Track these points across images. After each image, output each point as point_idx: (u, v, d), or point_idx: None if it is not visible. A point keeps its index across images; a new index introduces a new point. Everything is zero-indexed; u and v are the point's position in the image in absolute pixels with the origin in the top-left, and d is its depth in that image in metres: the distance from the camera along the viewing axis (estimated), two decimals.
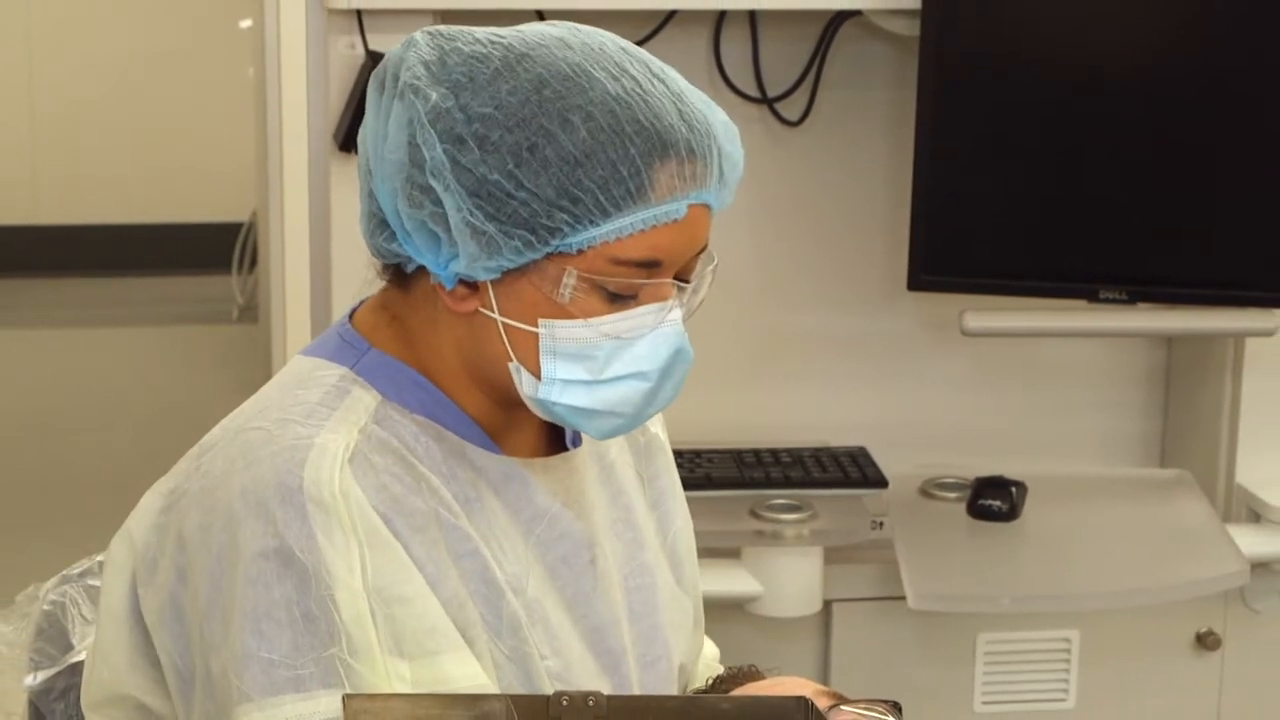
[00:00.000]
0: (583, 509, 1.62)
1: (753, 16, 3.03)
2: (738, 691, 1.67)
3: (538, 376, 1.50)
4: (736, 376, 3.17)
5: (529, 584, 1.56)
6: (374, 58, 2.80)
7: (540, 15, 2.76)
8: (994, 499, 2.99)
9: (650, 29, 2.93)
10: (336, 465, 1.47)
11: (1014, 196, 2.90)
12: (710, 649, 1.85)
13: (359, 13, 2.81)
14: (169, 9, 6.90)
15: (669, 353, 1.50)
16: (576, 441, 1.65)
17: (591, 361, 1.49)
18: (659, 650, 1.68)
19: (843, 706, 1.55)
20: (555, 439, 1.64)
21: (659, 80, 1.49)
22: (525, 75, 1.46)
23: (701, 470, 2.98)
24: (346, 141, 2.83)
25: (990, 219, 2.91)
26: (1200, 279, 2.89)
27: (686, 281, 1.52)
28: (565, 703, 1.34)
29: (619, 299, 1.48)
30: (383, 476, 1.50)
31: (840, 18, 3.02)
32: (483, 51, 1.48)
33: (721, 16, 3.02)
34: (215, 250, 6.61)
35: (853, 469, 3.00)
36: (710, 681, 1.76)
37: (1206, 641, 3.10)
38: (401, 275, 1.56)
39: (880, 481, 2.98)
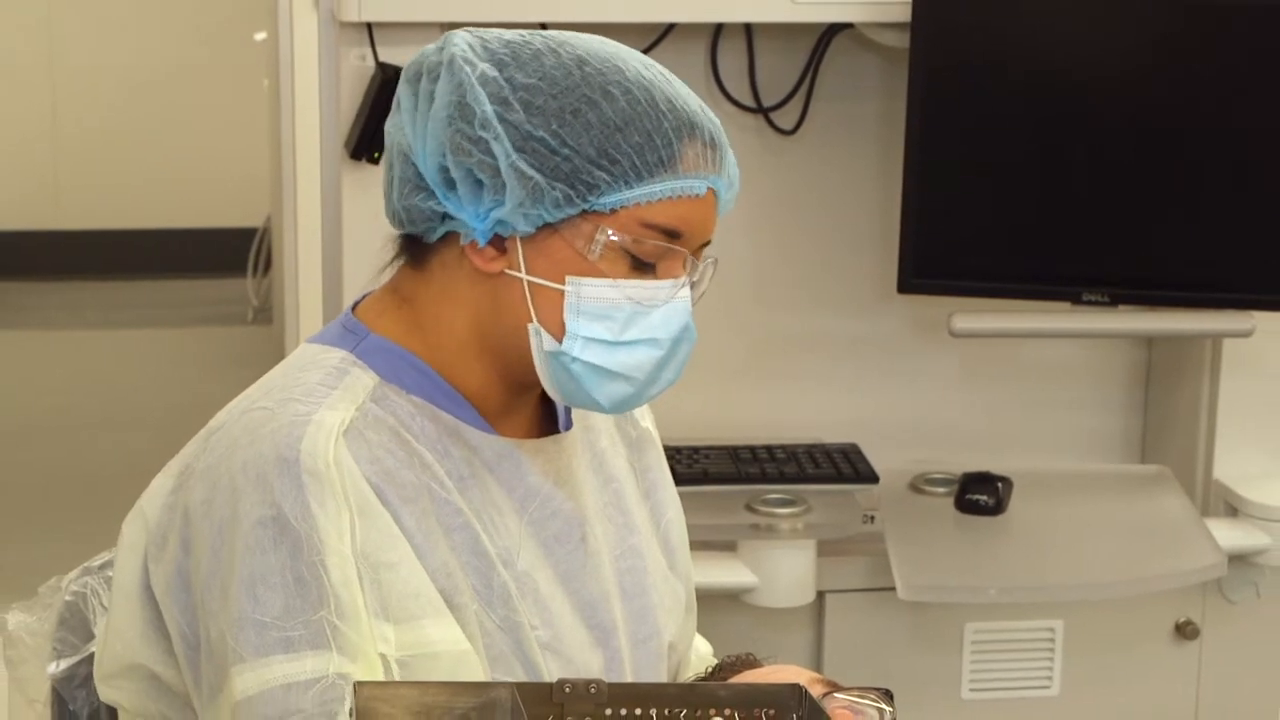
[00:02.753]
0: (573, 489, 1.67)
1: (749, 29, 3.05)
2: (735, 679, 1.67)
3: (558, 338, 1.56)
4: (733, 376, 3.18)
5: (520, 558, 1.61)
6: (384, 69, 2.83)
7: (544, 28, 2.82)
8: (981, 494, 3.00)
9: (650, 41, 2.94)
10: (331, 438, 1.53)
11: (1000, 203, 2.92)
12: (703, 645, 1.89)
13: (369, 25, 2.83)
14: (187, 22, 6.87)
15: (680, 326, 1.58)
16: (568, 425, 1.70)
17: (612, 322, 1.56)
18: (650, 629, 1.72)
19: (836, 694, 1.58)
20: (547, 423, 1.70)
21: (678, 82, 1.60)
22: (567, 54, 1.57)
23: (699, 466, 2.98)
24: (358, 149, 2.86)
25: (977, 224, 2.93)
26: (1180, 282, 2.90)
27: (697, 260, 1.60)
28: (568, 690, 1.36)
29: (640, 267, 1.57)
30: (376, 450, 1.55)
31: (833, 31, 3.03)
32: (522, 39, 1.58)
33: (719, 29, 3.04)
34: (231, 254, 6.57)
35: (845, 465, 3.01)
36: (709, 670, 1.78)
37: (1185, 631, 3.10)
38: (418, 250, 1.62)
39: (871, 477, 2.99)
